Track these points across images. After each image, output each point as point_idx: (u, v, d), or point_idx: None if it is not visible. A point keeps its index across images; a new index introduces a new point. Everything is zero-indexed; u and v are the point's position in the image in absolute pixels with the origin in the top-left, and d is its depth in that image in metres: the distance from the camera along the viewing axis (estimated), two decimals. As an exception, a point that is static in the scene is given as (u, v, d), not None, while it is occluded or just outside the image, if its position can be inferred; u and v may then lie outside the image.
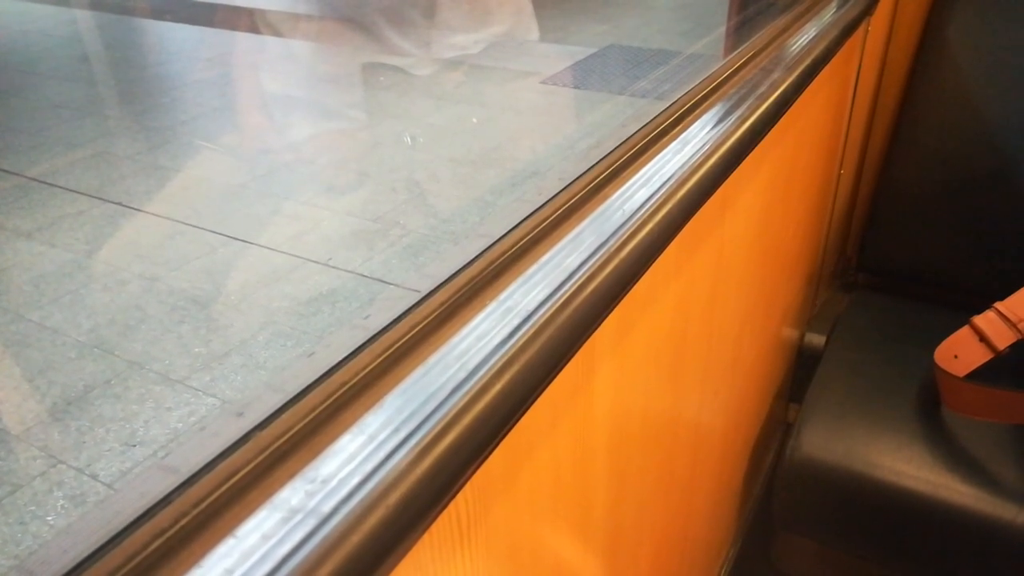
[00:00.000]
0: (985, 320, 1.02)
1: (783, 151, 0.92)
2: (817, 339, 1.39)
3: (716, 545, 1.15)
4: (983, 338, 1.01)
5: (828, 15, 0.99)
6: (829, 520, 1.10)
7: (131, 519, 0.28)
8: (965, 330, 1.04)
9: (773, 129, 0.72)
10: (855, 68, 1.27)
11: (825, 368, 1.21)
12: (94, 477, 1.63)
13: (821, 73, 0.88)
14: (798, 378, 1.43)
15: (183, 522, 0.29)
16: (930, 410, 1.10)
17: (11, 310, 2.17)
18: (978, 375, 1.01)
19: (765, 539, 1.31)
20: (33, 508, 1.56)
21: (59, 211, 2.70)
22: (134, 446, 1.71)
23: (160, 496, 0.29)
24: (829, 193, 1.38)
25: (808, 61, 0.81)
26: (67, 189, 2.86)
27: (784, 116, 0.75)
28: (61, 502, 1.57)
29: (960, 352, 1.02)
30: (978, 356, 1.01)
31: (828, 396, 1.14)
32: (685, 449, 0.81)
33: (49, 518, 1.54)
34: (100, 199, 2.78)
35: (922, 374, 1.13)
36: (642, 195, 0.51)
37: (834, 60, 0.95)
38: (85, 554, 0.27)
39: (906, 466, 1.02)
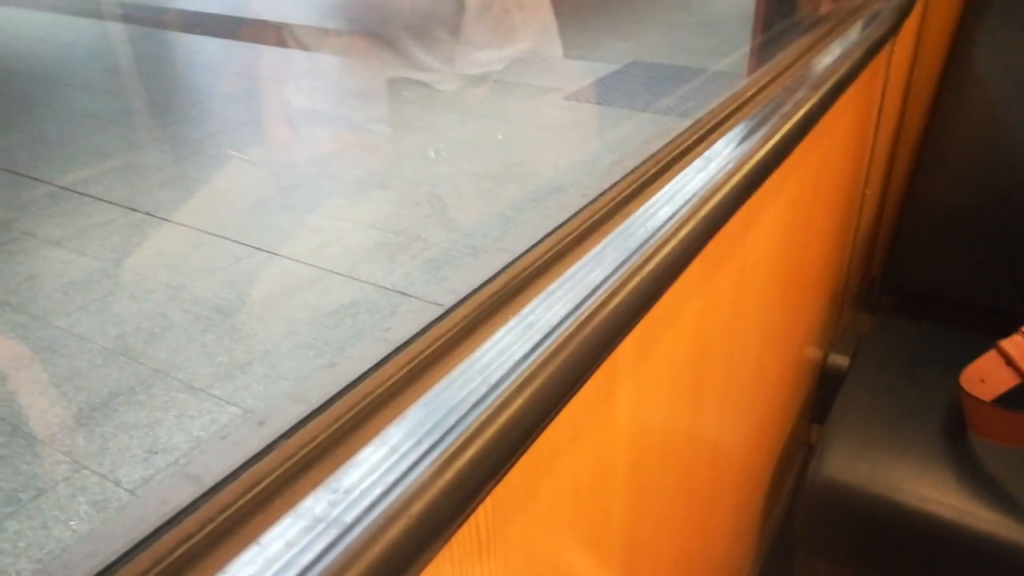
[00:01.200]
0: (1012, 344, 1.01)
1: (807, 170, 0.92)
2: (840, 360, 1.38)
3: (736, 566, 1.14)
4: (1010, 362, 1.00)
5: (853, 34, 0.99)
6: (851, 544, 1.08)
7: (157, 525, 0.29)
8: (992, 354, 1.02)
9: (797, 148, 0.72)
10: (880, 88, 1.27)
11: (848, 389, 1.20)
12: (117, 483, 1.64)
13: (846, 92, 0.88)
14: (821, 399, 1.42)
15: (209, 528, 0.29)
16: (956, 435, 1.08)
17: (40, 316, 2.21)
18: (1005, 400, 0.99)
19: (786, 561, 1.29)
20: (57, 512, 1.58)
21: (88, 220, 2.75)
22: (156, 453, 1.72)
23: (185, 502, 0.30)
24: (853, 213, 1.37)
25: (832, 80, 0.81)
26: (96, 198, 2.91)
27: (808, 135, 0.75)
28: (84, 507, 1.59)
29: (987, 376, 1.01)
30: (1005, 380, 1.00)
31: (851, 418, 1.13)
32: (705, 467, 0.80)
33: (72, 523, 1.56)
34: (129, 209, 2.82)
35: (947, 398, 1.12)
36: (665, 212, 0.52)
37: (859, 79, 0.95)
38: (111, 559, 0.28)
39: (931, 491, 1.01)
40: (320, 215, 2.80)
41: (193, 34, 5.21)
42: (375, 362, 0.37)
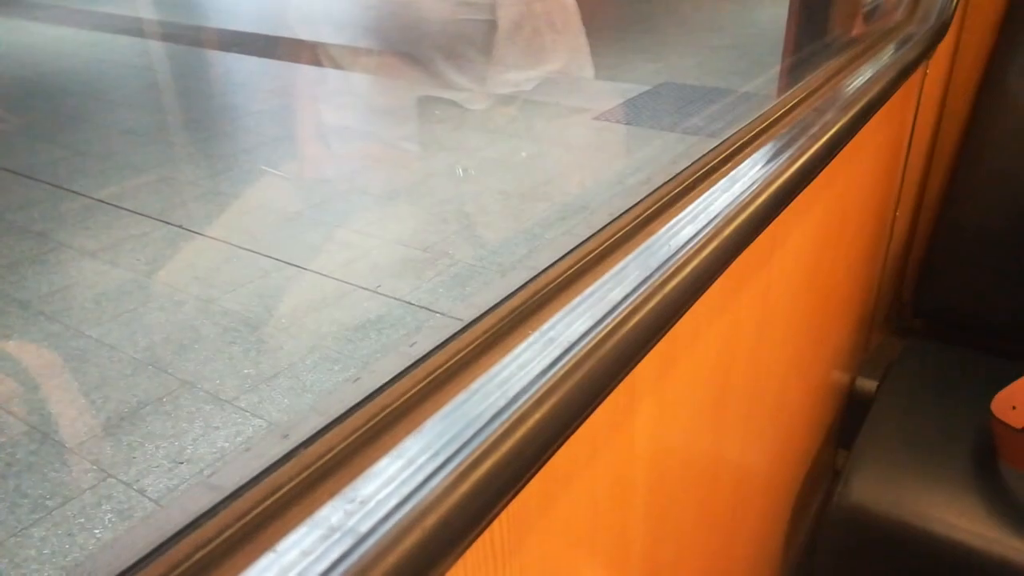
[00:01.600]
0: (1046, 371, 0.99)
1: (836, 192, 0.91)
2: (868, 384, 1.36)
3: (758, 592, 1.13)
4: (1043, 389, 0.98)
5: (885, 56, 0.99)
6: (876, 572, 1.06)
7: (176, 529, 0.29)
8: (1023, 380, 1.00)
9: (825, 169, 0.72)
10: (912, 110, 1.26)
11: (876, 414, 1.18)
12: (142, 492, 1.66)
13: (876, 114, 0.87)
14: (848, 424, 1.39)
15: (226, 534, 0.29)
16: (985, 462, 1.06)
17: (72, 326, 2.25)
18: (1038, 428, 0.97)
19: (810, 589, 1.27)
20: (82, 520, 1.60)
21: (123, 232, 2.80)
22: (182, 463, 1.74)
23: (205, 508, 0.30)
24: (884, 235, 1.35)
25: (863, 102, 0.81)
26: (132, 211, 2.97)
27: (837, 157, 0.74)
28: (109, 515, 1.61)
29: (1018, 403, 0.99)
30: (1038, 408, 0.98)
31: (879, 443, 1.11)
32: (727, 490, 0.79)
33: (96, 531, 1.58)
34: (162, 222, 2.88)
35: (977, 424, 1.09)
36: (689, 231, 0.52)
37: (890, 102, 0.94)
38: (130, 562, 0.28)
39: (959, 519, 0.99)
40: (349, 230, 2.83)
41: (230, 52, 5.32)
42: (399, 372, 0.37)
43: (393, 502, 0.30)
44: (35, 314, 2.32)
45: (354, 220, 2.91)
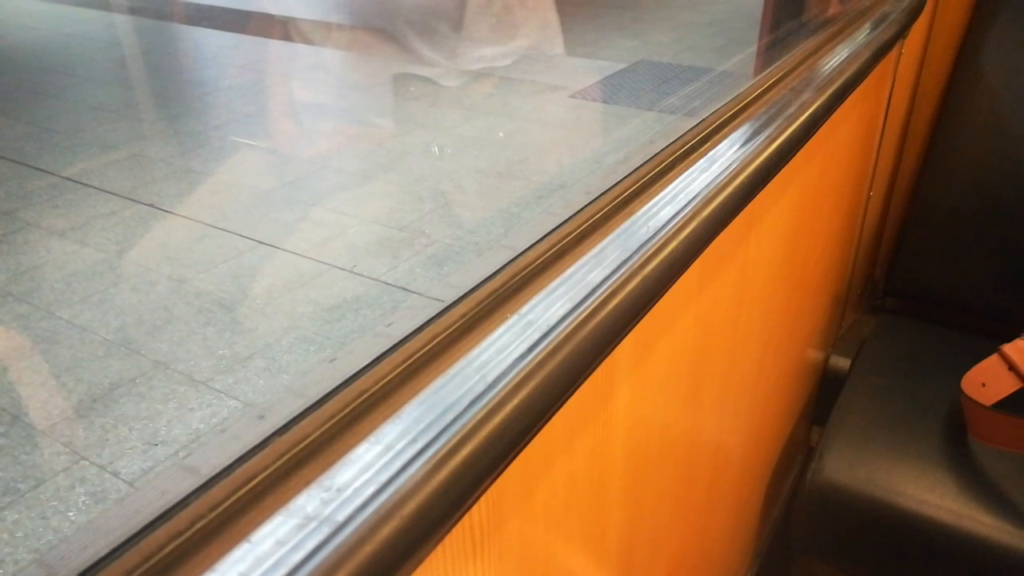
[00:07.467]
0: (1015, 349, 1.00)
1: (811, 171, 0.91)
2: (842, 362, 1.37)
3: (733, 568, 1.14)
4: (1012, 367, 1.00)
5: (861, 36, 0.98)
6: (849, 546, 1.08)
7: (149, 520, 0.29)
8: (994, 358, 1.02)
9: (802, 150, 0.72)
10: (887, 90, 1.26)
11: (849, 392, 1.19)
12: (116, 475, 1.65)
13: (852, 94, 0.87)
14: (822, 401, 1.41)
15: (199, 525, 0.29)
16: (956, 438, 1.08)
17: (42, 307, 2.21)
18: (1006, 404, 0.99)
19: (783, 563, 1.29)
20: (55, 503, 1.58)
21: (92, 211, 2.75)
22: (156, 445, 1.72)
23: (178, 498, 0.29)
24: (858, 215, 1.36)
25: (839, 82, 0.81)
26: (101, 190, 2.91)
27: (813, 137, 0.74)
28: (83, 498, 1.59)
29: (988, 380, 1.00)
30: (1007, 385, 0.99)
31: (852, 420, 1.13)
32: (704, 468, 0.80)
33: (70, 514, 1.56)
34: (132, 200, 2.83)
35: (948, 401, 1.11)
36: (667, 212, 0.51)
37: (866, 82, 0.95)
38: (103, 552, 0.28)
39: (929, 495, 1.00)
40: (323, 209, 2.80)
41: (199, 27, 5.21)
42: (376, 357, 0.37)
43: (371, 490, 0.30)
44: (3, 295, 2.27)
45: (328, 199, 2.88)
